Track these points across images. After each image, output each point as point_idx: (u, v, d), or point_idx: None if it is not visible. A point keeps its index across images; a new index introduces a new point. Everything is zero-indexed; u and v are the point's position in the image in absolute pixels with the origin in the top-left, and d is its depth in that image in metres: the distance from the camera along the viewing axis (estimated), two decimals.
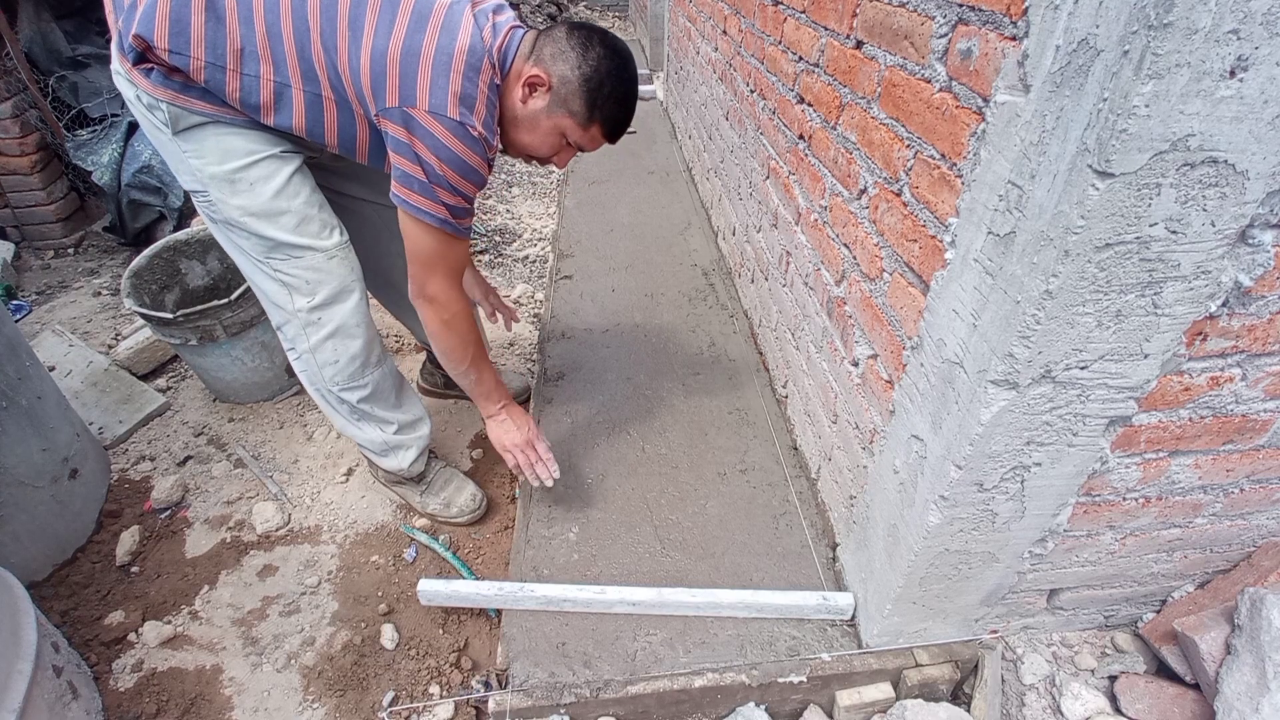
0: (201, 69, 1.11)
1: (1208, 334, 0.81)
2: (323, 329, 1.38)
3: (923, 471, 1.01)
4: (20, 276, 2.81)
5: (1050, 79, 0.70)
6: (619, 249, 2.72)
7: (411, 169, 1.13)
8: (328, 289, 1.35)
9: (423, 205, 1.17)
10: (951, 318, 0.91)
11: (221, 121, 1.19)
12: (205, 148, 1.21)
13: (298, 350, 1.43)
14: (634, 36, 7.71)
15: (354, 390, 1.47)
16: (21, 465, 1.47)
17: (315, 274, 1.33)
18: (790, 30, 1.59)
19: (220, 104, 1.17)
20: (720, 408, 1.87)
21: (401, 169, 1.14)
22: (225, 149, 1.21)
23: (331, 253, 1.34)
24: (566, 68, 1.18)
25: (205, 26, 1.09)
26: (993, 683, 1.21)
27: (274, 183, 1.25)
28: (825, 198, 1.42)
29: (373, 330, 1.46)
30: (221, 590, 1.54)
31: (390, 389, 1.55)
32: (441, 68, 1.08)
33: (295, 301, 1.35)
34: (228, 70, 1.12)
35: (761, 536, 1.49)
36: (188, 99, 1.15)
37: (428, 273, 1.26)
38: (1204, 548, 1.15)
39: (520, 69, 1.19)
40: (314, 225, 1.32)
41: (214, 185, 1.24)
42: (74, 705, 1.22)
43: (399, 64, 1.07)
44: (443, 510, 1.67)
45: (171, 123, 1.17)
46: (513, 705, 1.18)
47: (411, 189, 1.15)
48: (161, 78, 1.14)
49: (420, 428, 1.63)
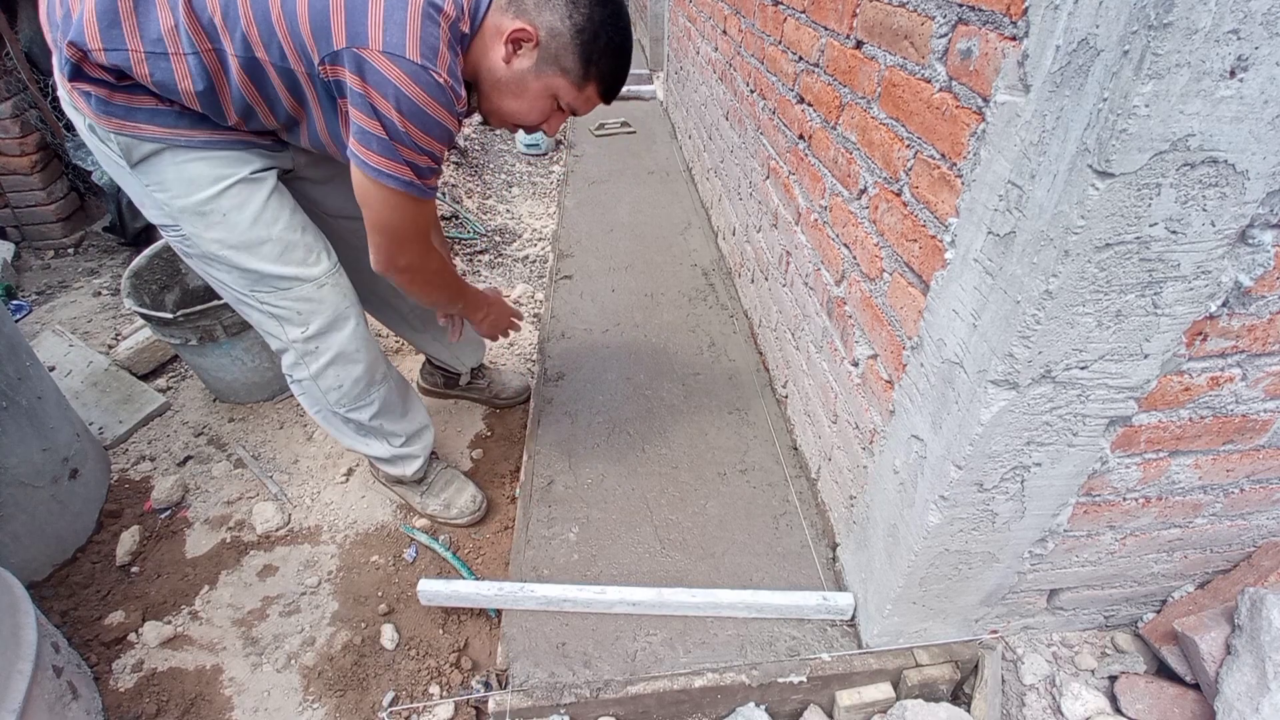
0: (143, 60, 0.98)
1: (1208, 334, 0.81)
2: (321, 357, 1.32)
3: (923, 471, 1.01)
4: (20, 276, 2.81)
5: (1050, 79, 0.70)
6: (619, 249, 2.72)
7: (368, 124, 0.97)
8: (322, 318, 1.28)
9: (383, 166, 1.01)
10: (951, 318, 0.91)
11: (177, 145, 1.07)
12: (166, 179, 1.10)
13: (296, 376, 1.37)
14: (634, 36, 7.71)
15: (362, 409, 1.44)
16: (22, 465, 1.47)
17: (306, 304, 1.25)
18: (790, 30, 1.59)
19: (171, 123, 1.05)
20: (720, 408, 1.87)
21: (358, 124, 0.98)
22: (188, 178, 1.10)
23: (321, 280, 1.25)
24: (555, 18, 1.03)
25: (135, 10, 0.96)
26: (993, 683, 1.21)
27: (249, 210, 1.15)
28: (825, 198, 1.42)
29: (375, 349, 1.41)
30: (221, 590, 1.54)
31: (397, 400, 1.52)
32: (396, 3, 0.92)
33: (289, 332, 1.28)
34: (171, 55, 0.98)
35: (761, 536, 1.49)
36: (135, 124, 1.04)
37: (396, 244, 1.13)
38: (1204, 548, 1.15)
39: (499, 22, 1.02)
40: (298, 252, 1.22)
41: (185, 219, 1.14)
42: (74, 705, 1.22)
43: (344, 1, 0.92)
44: (443, 511, 1.67)
45: (125, 154, 1.07)
46: (513, 705, 1.18)
47: (369, 147, 0.99)
48: (102, 104, 1.02)
49: (425, 435, 1.62)
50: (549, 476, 1.65)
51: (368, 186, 1.05)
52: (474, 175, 3.77)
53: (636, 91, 4.87)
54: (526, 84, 1.08)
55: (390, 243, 1.13)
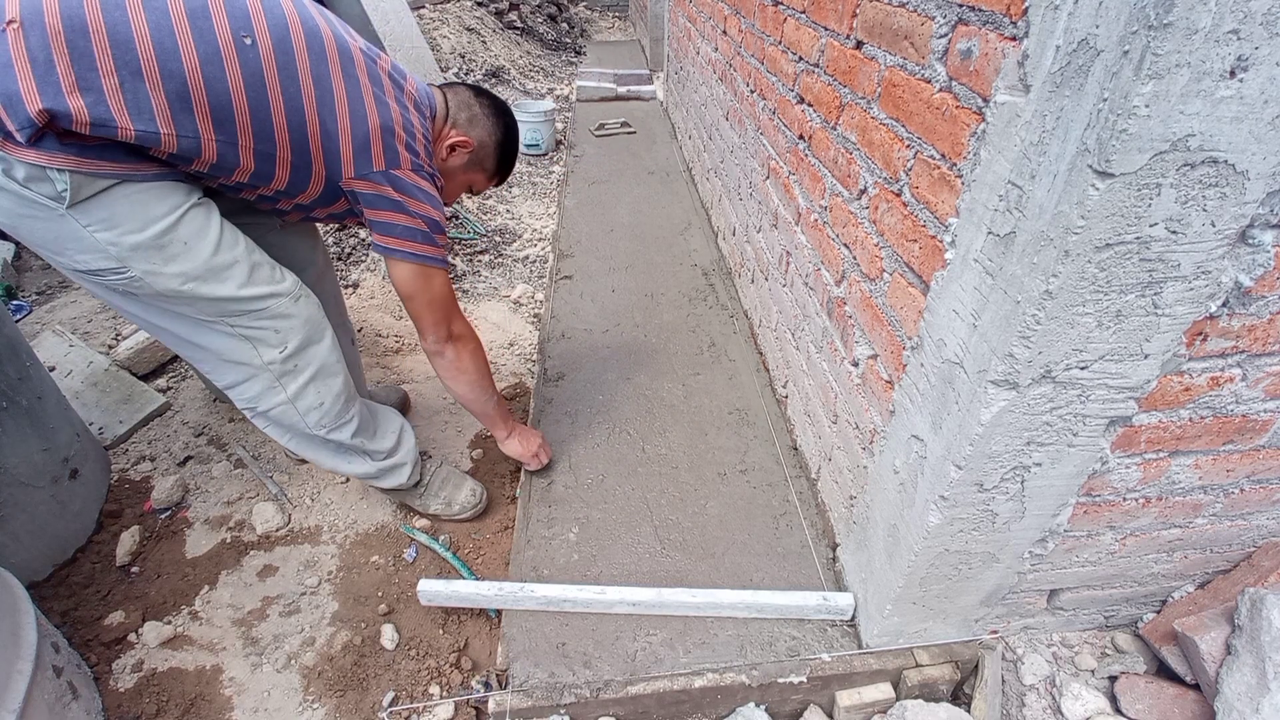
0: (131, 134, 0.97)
1: (1208, 334, 0.81)
2: (301, 376, 1.30)
3: (923, 472, 1.01)
4: (20, 276, 2.81)
5: (1050, 79, 0.70)
6: (619, 249, 2.72)
7: (409, 221, 1.20)
8: (300, 333, 1.27)
9: (429, 253, 1.24)
10: (951, 318, 0.91)
11: (132, 180, 1.02)
12: (117, 214, 1.03)
13: (267, 404, 1.32)
14: (634, 36, 7.72)
15: (344, 427, 1.42)
16: (22, 465, 1.47)
17: (284, 321, 1.24)
18: (790, 30, 1.59)
19: (131, 159, 1.02)
20: (720, 408, 1.87)
21: (395, 223, 1.20)
22: (143, 210, 1.05)
23: (295, 293, 1.25)
24: (484, 134, 1.39)
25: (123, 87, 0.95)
26: (993, 683, 1.21)
27: (210, 236, 1.12)
28: (825, 198, 1.42)
29: (345, 360, 1.41)
30: (221, 590, 1.54)
31: (369, 415, 1.51)
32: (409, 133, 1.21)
33: (263, 355, 1.25)
34: (162, 135, 1.00)
35: (761, 536, 1.49)
36: (93, 161, 0.98)
37: (449, 314, 1.33)
38: (1204, 548, 1.15)
39: (443, 131, 1.35)
40: (265, 269, 1.21)
41: (139, 257, 1.06)
42: (74, 705, 1.22)
43: (380, 136, 1.17)
44: (445, 509, 1.67)
45: (72, 193, 0.98)
46: (513, 705, 1.18)
47: (414, 240, 1.22)
48: (55, 143, 0.95)
49: (406, 441, 1.59)
50: (549, 476, 1.65)
51: (414, 275, 1.25)
52: None
53: (636, 91, 4.87)
54: (455, 176, 1.41)
55: (443, 314, 1.32)
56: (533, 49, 6.62)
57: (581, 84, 5.00)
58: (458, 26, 5.64)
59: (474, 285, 2.76)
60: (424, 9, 5.43)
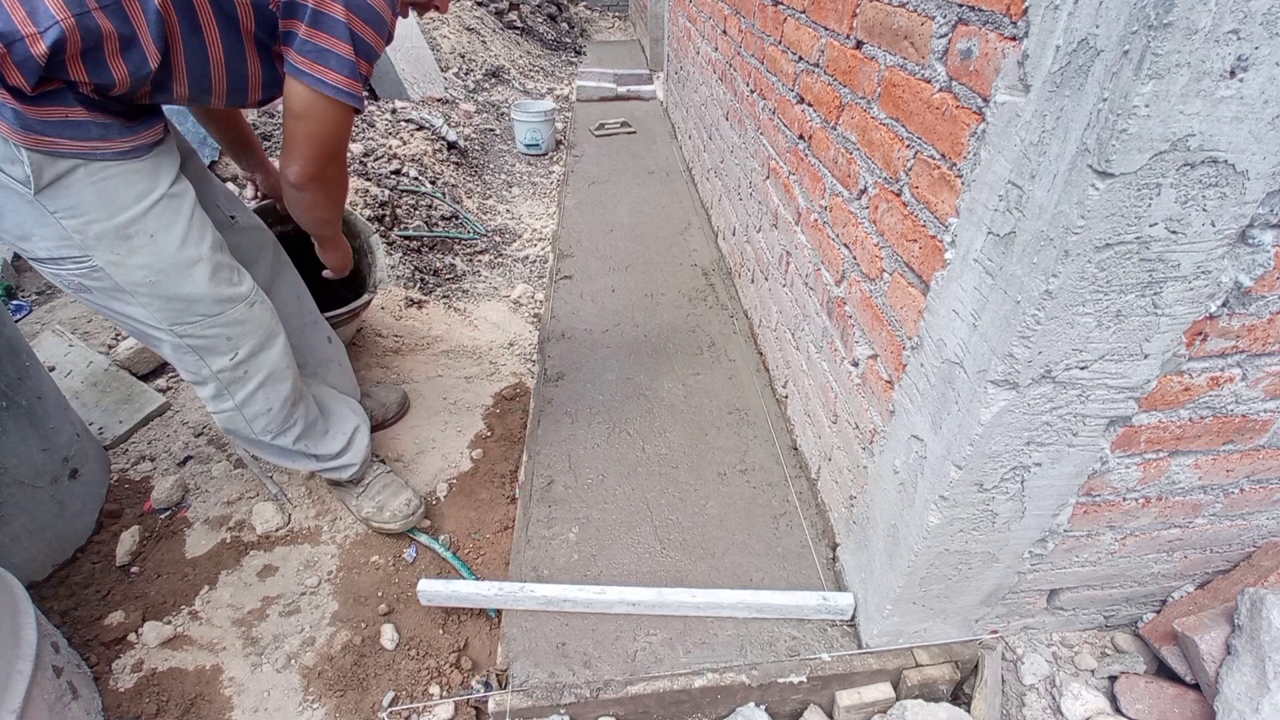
0: (75, 27, 0.90)
1: (1208, 334, 0.81)
2: (250, 382, 1.28)
3: (923, 472, 1.01)
4: (20, 277, 2.81)
5: (1050, 79, 0.70)
6: (619, 249, 2.72)
7: (336, 45, 1.02)
8: (252, 340, 1.23)
9: (342, 84, 1.04)
10: (951, 318, 0.91)
11: (94, 158, 1.01)
12: (83, 201, 1.01)
13: (218, 406, 1.32)
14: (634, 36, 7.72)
15: (287, 433, 1.41)
16: (21, 465, 1.47)
17: (237, 328, 1.20)
18: (790, 30, 1.59)
19: (85, 134, 0.99)
20: (720, 408, 1.87)
21: (317, 44, 1.01)
22: (108, 197, 1.03)
23: (251, 298, 1.21)
24: None
25: None
26: (993, 683, 1.21)
27: (177, 228, 1.09)
28: (825, 198, 1.42)
29: (294, 363, 1.37)
30: (221, 590, 1.54)
31: (317, 417, 1.49)
32: None
33: (213, 363, 1.22)
34: (92, 10, 0.91)
35: (761, 536, 1.49)
36: (54, 139, 0.96)
37: (330, 155, 1.14)
38: (1204, 548, 1.15)
39: None
40: (225, 271, 1.18)
41: (103, 247, 1.04)
42: (74, 705, 1.22)
43: None
44: (375, 514, 1.61)
45: (34, 176, 0.97)
46: (513, 705, 1.18)
47: (327, 65, 1.02)
48: (18, 117, 0.93)
49: (357, 443, 1.58)
50: (549, 476, 1.65)
51: (317, 103, 1.05)
52: (474, 175, 3.77)
53: (636, 91, 4.87)
54: None
55: (325, 154, 1.13)
56: (533, 49, 6.62)
57: (581, 84, 5.00)
58: (458, 26, 5.65)
59: (474, 285, 2.76)
60: None
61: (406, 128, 3.68)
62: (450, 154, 3.70)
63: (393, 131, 3.60)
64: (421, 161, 3.38)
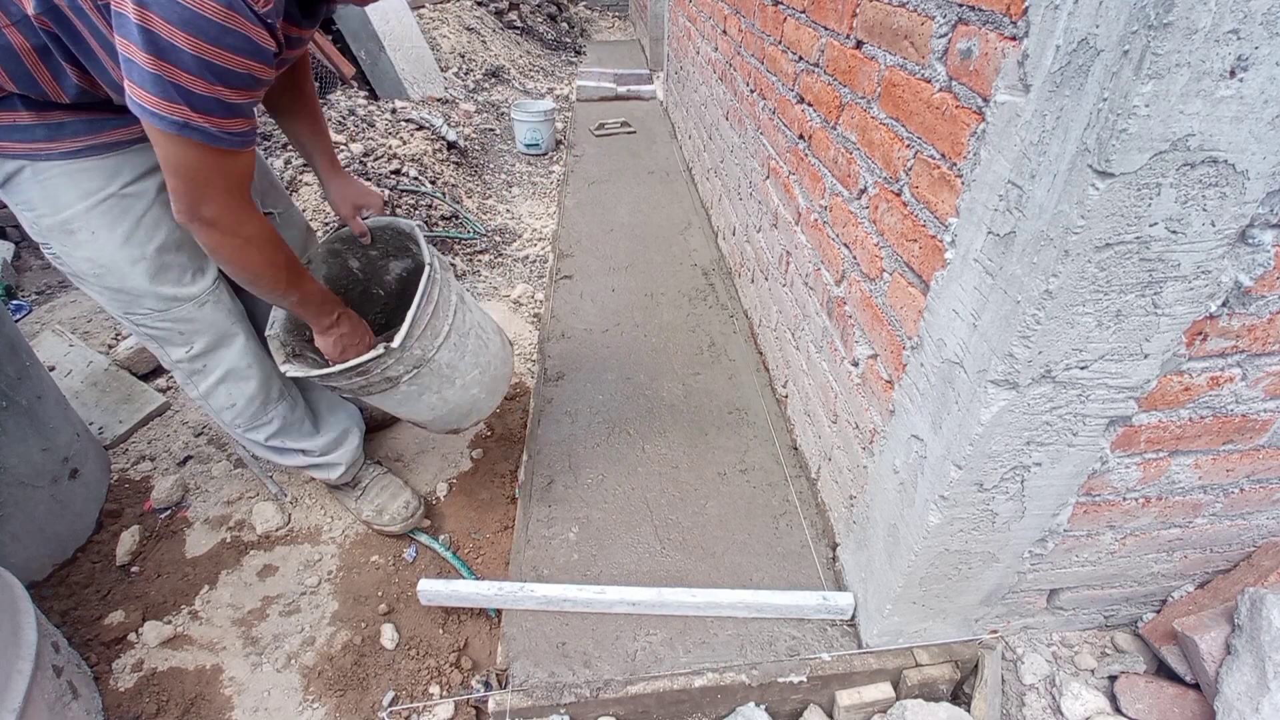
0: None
1: (1208, 334, 0.81)
2: (210, 376, 1.28)
3: (923, 471, 1.01)
4: (20, 276, 2.81)
5: (1050, 79, 0.70)
6: (619, 249, 2.72)
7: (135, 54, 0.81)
8: (205, 337, 1.24)
9: (147, 103, 0.83)
10: (951, 318, 0.91)
11: (38, 159, 1.04)
12: (32, 198, 1.06)
13: (188, 394, 1.33)
14: (634, 36, 7.72)
15: (259, 429, 1.41)
16: (21, 465, 1.47)
17: (187, 324, 1.21)
18: (790, 30, 1.59)
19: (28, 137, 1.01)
20: (720, 408, 1.87)
21: (125, 56, 0.82)
22: (52, 195, 1.06)
23: (201, 299, 1.21)
24: None
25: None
26: (993, 683, 1.21)
27: (121, 228, 1.10)
28: (825, 198, 1.42)
29: (269, 365, 1.35)
30: (221, 590, 1.54)
31: (302, 417, 1.48)
32: None
33: (171, 354, 1.24)
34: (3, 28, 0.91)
35: (761, 536, 1.49)
36: (2, 142, 1.02)
37: (197, 190, 0.95)
38: (1204, 548, 1.15)
39: None
40: (173, 272, 1.17)
41: (54, 238, 1.10)
42: (74, 705, 1.22)
43: None
44: (375, 517, 1.62)
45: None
46: (513, 705, 1.18)
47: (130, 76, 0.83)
48: None
49: (348, 440, 1.58)
50: (549, 476, 1.65)
51: (145, 124, 0.88)
52: (474, 175, 3.77)
53: (636, 91, 4.87)
54: None
55: (189, 187, 0.94)
56: (532, 49, 6.62)
57: (581, 84, 5.00)
58: (457, 26, 5.65)
59: (474, 285, 2.76)
60: (424, 9, 5.43)
61: (406, 127, 3.68)
62: (450, 154, 3.69)
63: (392, 131, 3.60)
64: (421, 161, 3.38)
